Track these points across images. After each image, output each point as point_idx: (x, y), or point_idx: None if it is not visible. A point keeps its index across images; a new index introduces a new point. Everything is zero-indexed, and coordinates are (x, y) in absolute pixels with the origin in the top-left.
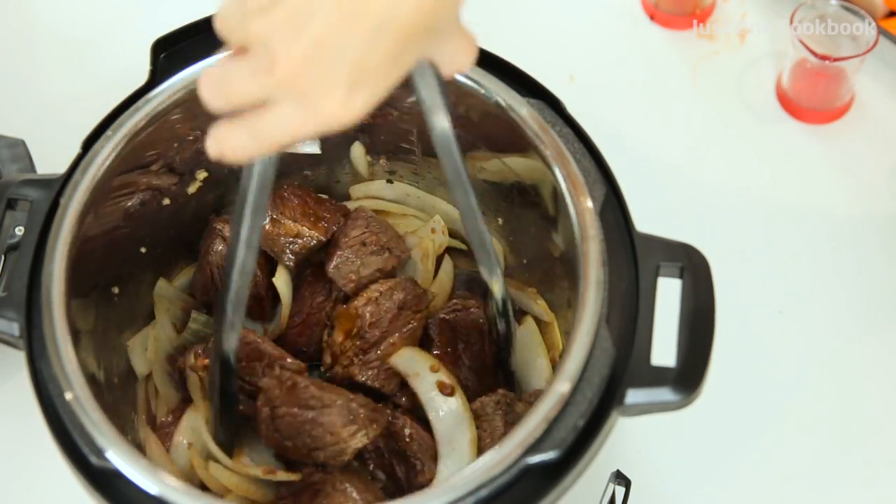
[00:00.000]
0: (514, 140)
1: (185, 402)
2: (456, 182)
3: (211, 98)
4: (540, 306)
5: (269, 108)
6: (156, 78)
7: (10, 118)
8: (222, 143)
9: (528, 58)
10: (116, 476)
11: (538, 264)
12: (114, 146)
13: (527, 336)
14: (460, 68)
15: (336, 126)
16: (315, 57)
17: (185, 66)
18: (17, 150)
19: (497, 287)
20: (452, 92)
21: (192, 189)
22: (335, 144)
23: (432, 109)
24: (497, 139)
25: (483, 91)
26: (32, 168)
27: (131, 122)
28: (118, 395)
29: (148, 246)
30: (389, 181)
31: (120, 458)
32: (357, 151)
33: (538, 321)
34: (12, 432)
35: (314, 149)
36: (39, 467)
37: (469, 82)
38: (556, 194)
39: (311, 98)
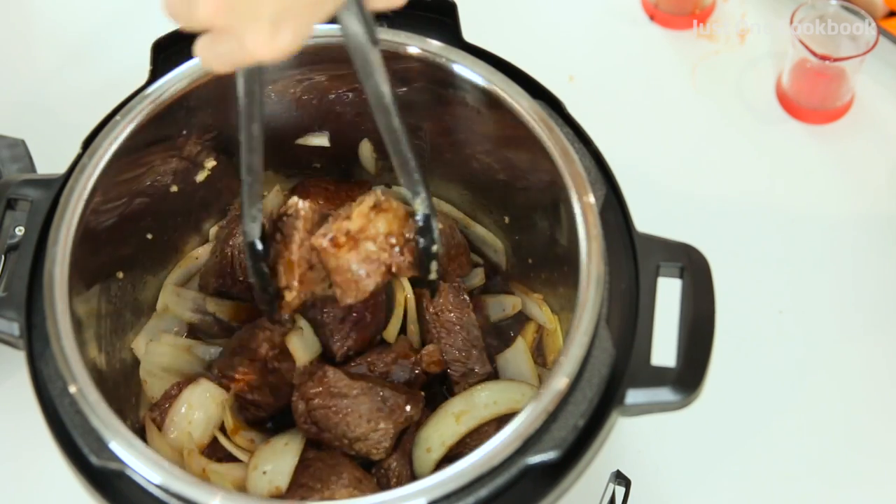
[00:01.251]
0: (519, 136)
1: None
2: (378, 105)
3: (173, 18)
4: (544, 313)
5: (217, 35)
6: (156, 78)
7: (10, 118)
8: (200, 55)
9: (529, 58)
10: (117, 475)
11: (543, 265)
12: (113, 145)
13: (518, 356)
14: (389, 4)
15: (269, 59)
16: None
17: None
18: (17, 150)
19: (420, 205)
20: (456, 84)
21: (200, 177)
22: (344, 140)
23: (357, 41)
24: (503, 135)
25: (491, 87)
26: (32, 168)
27: (131, 119)
28: (119, 379)
29: (155, 233)
30: (388, 185)
31: (124, 449)
32: (365, 149)
33: (541, 328)
34: (12, 432)
35: (322, 141)
36: (39, 467)
37: (478, 79)
38: (560, 191)
39: (238, 34)
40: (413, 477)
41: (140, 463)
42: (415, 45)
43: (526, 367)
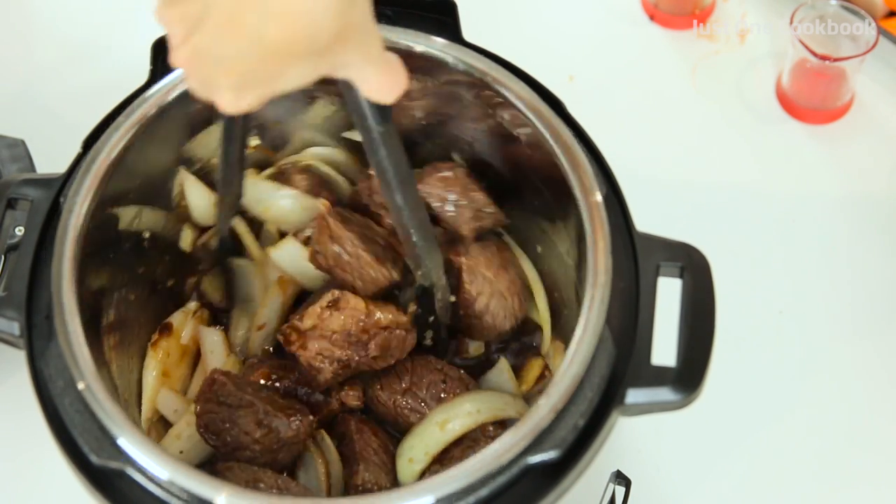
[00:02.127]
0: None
1: None
2: (382, 180)
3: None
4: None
5: None
6: (156, 78)
7: (10, 118)
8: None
9: (528, 58)
10: (117, 475)
11: (565, 303)
12: (114, 145)
13: (500, 377)
14: (380, 98)
15: (232, 113)
16: (196, 62)
17: None
18: (17, 150)
19: (420, 278)
20: (452, 88)
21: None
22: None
23: (358, 121)
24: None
25: (499, 88)
26: (32, 168)
27: (131, 120)
28: (126, 373)
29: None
30: None
31: (132, 445)
32: None
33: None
34: (12, 432)
35: None
36: (39, 467)
37: (481, 75)
38: (567, 195)
39: (207, 86)
40: (396, 484)
41: (148, 459)
42: (418, 43)
43: (508, 385)
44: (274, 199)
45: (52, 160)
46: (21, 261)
